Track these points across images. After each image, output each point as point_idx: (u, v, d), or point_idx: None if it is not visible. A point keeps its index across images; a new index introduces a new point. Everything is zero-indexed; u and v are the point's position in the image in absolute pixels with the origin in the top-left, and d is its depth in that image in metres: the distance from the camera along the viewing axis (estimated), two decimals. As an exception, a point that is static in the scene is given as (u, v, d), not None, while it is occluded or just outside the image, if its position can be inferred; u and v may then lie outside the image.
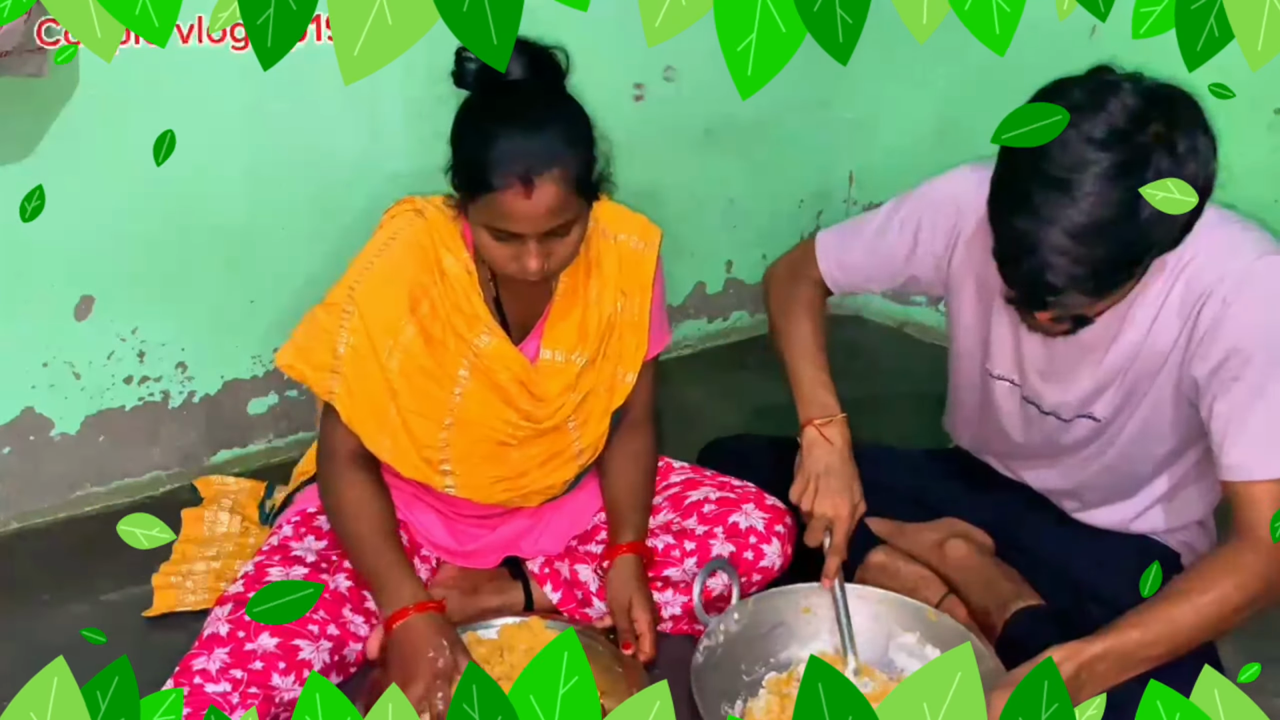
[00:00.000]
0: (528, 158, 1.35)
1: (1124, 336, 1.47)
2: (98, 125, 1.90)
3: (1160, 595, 1.34)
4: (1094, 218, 1.21)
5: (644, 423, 1.79)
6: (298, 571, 1.57)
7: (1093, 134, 1.21)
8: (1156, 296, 1.43)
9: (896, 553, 1.80)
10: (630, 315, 1.69)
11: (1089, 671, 1.31)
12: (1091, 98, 1.23)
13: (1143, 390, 1.50)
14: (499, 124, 1.39)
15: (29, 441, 2.03)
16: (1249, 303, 1.35)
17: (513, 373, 1.60)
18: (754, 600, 1.66)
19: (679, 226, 2.66)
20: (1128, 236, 1.23)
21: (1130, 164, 1.21)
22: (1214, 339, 1.37)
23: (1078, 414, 1.58)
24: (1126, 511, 1.66)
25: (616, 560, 1.66)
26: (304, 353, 1.56)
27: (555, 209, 1.39)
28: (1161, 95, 1.24)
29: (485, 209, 1.40)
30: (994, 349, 1.63)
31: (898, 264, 1.70)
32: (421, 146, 2.27)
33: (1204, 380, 1.40)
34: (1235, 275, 1.36)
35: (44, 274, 1.95)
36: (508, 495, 1.69)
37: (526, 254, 1.42)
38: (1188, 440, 1.53)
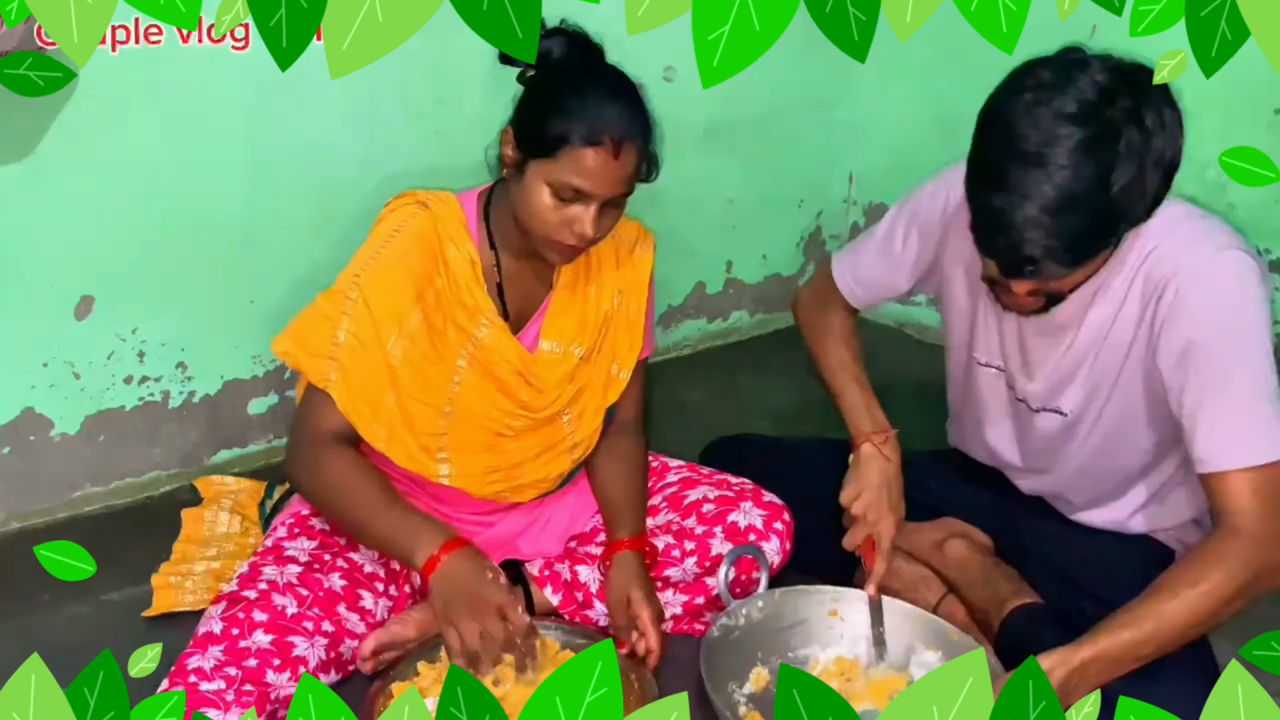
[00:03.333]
0: (621, 123, 1.44)
1: (1086, 326, 1.50)
2: (98, 125, 1.90)
3: (1149, 592, 1.35)
4: (1067, 190, 1.24)
5: (633, 425, 1.81)
6: (291, 571, 1.56)
7: (1063, 110, 1.24)
8: (1119, 288, 1.45)
9: (897, 552, 1.80)
10: (626, 313, 1.72)
11: (1080, 675, 1.31)
12: (1060, 75, 1.26)
13: (1108, 385, 1.52)
14: (595, 88, 1.45)
15: (29, 441, 2.03)
16: (1204, 294, 1.38)
17: (510, 364, 1.62)
18: (781, 592, 1.66)
19: (679, 226, 2.66)
20: (1099, 206, 1.26)
21: (1100, 137, 1.23)
22: (1172, 331, 1.40)
23: (1044, 406, 1.59)
24: (1118, 512, 1.67)
25: (616, 557, 1.66)
26: (301, 339, 1.56)
27: (629, 176, 1.47)
28: (1128, 71, 1.27)
29: (563, 165, 1.44)
30: (980, 336, 1.65)
31: (907, 269, 1.73)
32: (421, 146, 2.29)
33: (1169, 375, 1.42)
34: (1191, 268, 1.38)
35: (44, 274, 1.95)
36: (501, 487, 1.69)
37: (585, 218, 1.47)
38: (1168, 439, 1.53)
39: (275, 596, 1.51)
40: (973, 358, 1.68)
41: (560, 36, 1.50)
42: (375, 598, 1.62)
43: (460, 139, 2.28)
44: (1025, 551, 1.74)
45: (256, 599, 1.50)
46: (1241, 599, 1.34)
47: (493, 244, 1.61)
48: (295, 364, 1.58)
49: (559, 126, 1.43)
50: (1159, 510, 1.65)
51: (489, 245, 1.61)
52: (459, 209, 1.60)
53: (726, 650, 1.56)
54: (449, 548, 1.46)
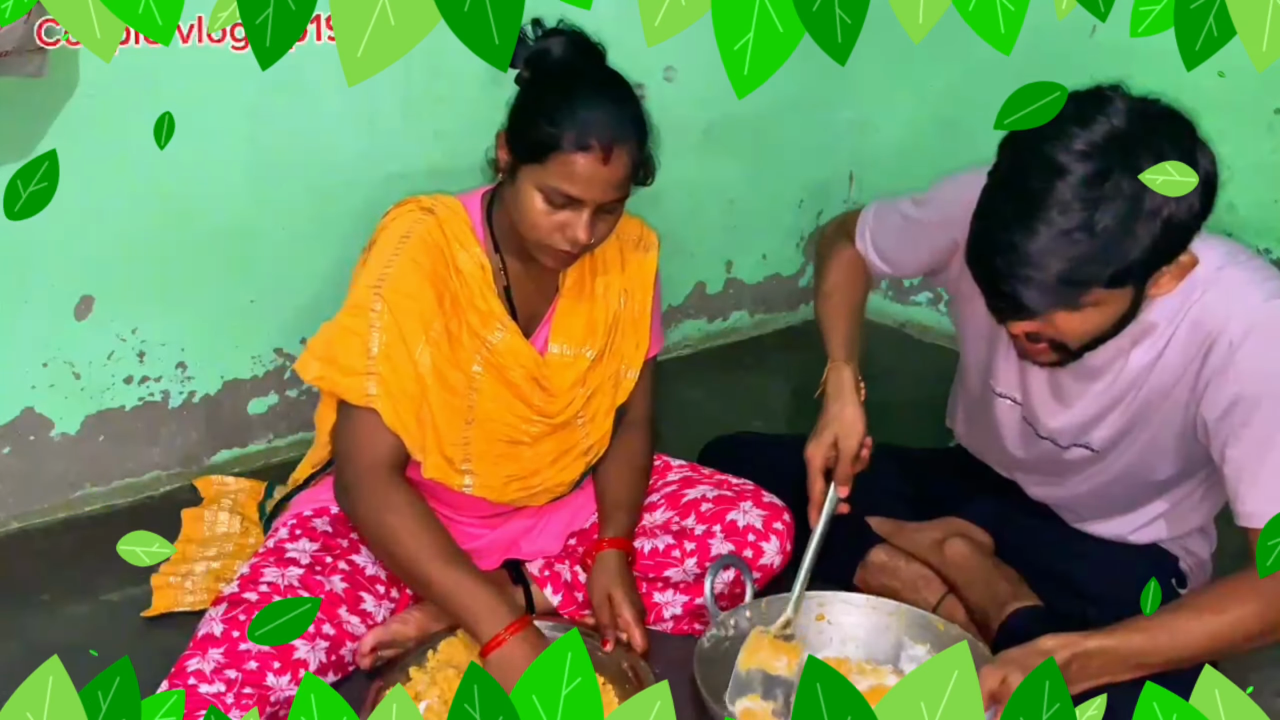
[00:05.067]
0: (610, 127, 1.42)
1: (1126, 371, 1.46)
2: (98, 125, 1.89)
3: (1173, 606, 1.34)
4: (1051, 225, 1.21)
5: (641, 424, 1.80)
6: (293, 573, 1.56)
7: (1070, 147, 1.21)
8: (1161, 333, 1.41)
9: (896, 552, 1.80)
10: (632, 313, 1.72)
11: (1080, 663, 1.31)
12: (1079, 111, 1.22)
13: (1142, 425, 1.50)
14: (585, 92, 1.44)
15: (29, 441, 2.03)
16: (1256, 347, 1.34)
17: (525, 368, 1.61)
18: (768, 600, 1.65)
19: (679, 226, 2.66)
20: (1081, 248, 1.21)
21: (1093, 177, 1.20)
22: (1222, 383, 1.36)
23: (1074, 442, 1.58)
24: (1125, 525, 1.67)
25: (599, 555, 1.66)
26: (332, 361, 1.53)
27: (621, 181, 1.46)
28: (1152, 115, 1.23)
29: (552, 171, 1.42)
30: (999, 367, 1.63)
31: (922, 260, 1.72)
32: (421, 146, 2.29)
33: (1213, 424, 1.39)
34: (1243, 318, 1.34)
35: (44, 274, 1.95)
36: (520, 494, 1.69)
37: (578, 223, 1.45)
38: (1188, 470, 1.53)
39: (276, 599, 1.51)
40: (989, 385, 1.66)
41: (559, 37, 1.49)
42: (377, 600, 1.61)
43: (460, 139, 2.29)
44: (1026, 553, 1.74)
45: (257, 601, 1.50)
46: (1263, 639, 1.33)
47: (498, 247, 1.61)
48: (330, 386, 1.54)
49: (547, 132, 1.42)
50: (1166, 523, 1.64)
51: (494, 249, 1.60)
52: (464, 213, 1.59)
53: (719, 662, 1.55)
54: (514, 629, 1.45)
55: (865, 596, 1.68)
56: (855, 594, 1.69)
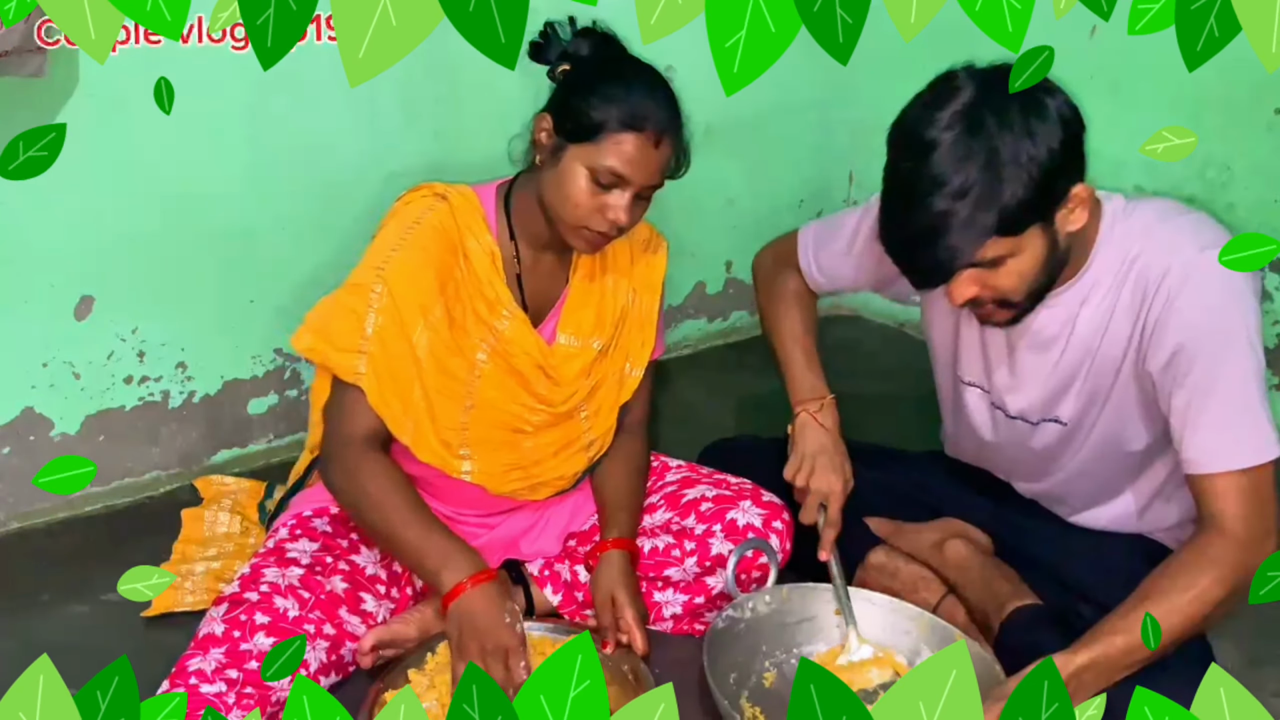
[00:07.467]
0: (663, 114, 1.50)
1: (1076, 337, 1.51)
2: (98, 125, 1.90)
3: (1138, 597, 1.36)
4: (939, 196, 1.30)
5: (639, 426, 1.82)
6: (293, 573, 1.56)
7: (934, 125, 1.32)
8: (1106, 295, 1.46)
9: (896, 553, 1.80)
10: (639, 311, 1.74)
11: (1076, 683, 1.32)
12: (936, 95, 1.35)
13: (1104, 391, 1.53)
14: (639, 78, 1.51)
15: (29, 441, 2.03)
16: (1191, 297, 1.39)
17: (531, 356, 1.63)
18: (790, 588, 1.67)
19: (679, 226, 2.65)
20: (971, 209, 1.30)
21: (960, 135, 1.30)
22: (1162, 335, 1.41)
23: (1043, 417, 1.61)
24: (1115, 512, 1.68)
25: (602, 556, 1.66)
26: (325, 335, 1.55)
27: (665, 165, 1.53)
28: (991, 78, 1.33)
29: (603, 150, 1.47)
30: (963, 356, 1.67)
31: (868, 273, 1.75)
32: (421, 146, 2.29)
33: (1159, 376, 1.43)
34: (1179, 270, 1.39)
35: (44, 274, 1.95)
36: (520, 485, 1.70)
37: (620, 204, 1.50)
38: (1163, 438, 1.54)
39: (277, 599, 1.51)
40: (957, 376, 1.70)
41: (589, 37, 1.54)
42: (377, 601, 1.62)
43: (460, 139, 2.29)
44: (1024, 552, 1.74)
45: (258, 601, 1.50)
46: (1231, 601, 1.35)
47: (512, 235, 1.62)
48: (321, 359, 1.56)
49: (603, 111, 1.46)
50: (1157, 510, 1.65)
51: (509, 237, 1.62)
52: (477, 201, 1.61)
53: (730, 642, 1.57)
54: (477, 579, 1.47)
55: (887, 598, 1.68)
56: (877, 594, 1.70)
